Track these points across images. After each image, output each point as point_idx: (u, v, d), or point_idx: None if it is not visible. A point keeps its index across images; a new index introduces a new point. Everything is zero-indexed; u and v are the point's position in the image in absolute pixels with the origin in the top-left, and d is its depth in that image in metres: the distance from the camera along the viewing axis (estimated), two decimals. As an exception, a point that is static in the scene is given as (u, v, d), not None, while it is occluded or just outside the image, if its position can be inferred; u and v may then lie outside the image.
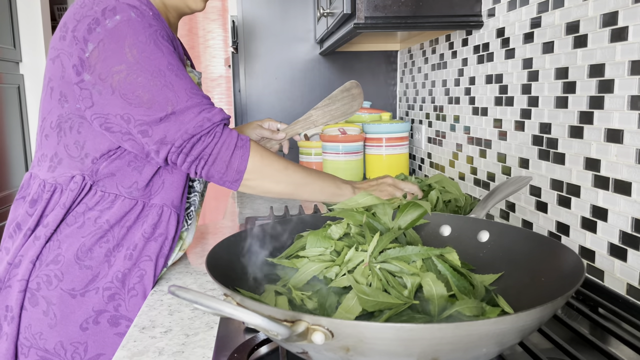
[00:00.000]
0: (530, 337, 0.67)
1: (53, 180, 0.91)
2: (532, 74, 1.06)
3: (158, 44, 0.84)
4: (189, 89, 0.85)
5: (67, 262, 0.88)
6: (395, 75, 2.13)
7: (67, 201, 0.89)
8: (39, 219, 0.90)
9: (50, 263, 0.88)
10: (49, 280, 0.87)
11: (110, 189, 0.90)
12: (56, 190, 0.90)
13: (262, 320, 0.46)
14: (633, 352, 0.64)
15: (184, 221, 1.02)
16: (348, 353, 0.49)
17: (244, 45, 2.06)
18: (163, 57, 0.84)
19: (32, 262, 0.88)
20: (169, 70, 0.84)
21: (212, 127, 0.85)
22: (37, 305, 0.87)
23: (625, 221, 0.81)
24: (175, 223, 0.95)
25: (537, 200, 1.06)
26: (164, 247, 0.94)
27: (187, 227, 1.03)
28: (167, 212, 0.94)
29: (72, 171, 0.90)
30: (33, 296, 0.87)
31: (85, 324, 0.87)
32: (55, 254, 0.88)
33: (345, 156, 1.75)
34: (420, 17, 1.29)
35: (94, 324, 0.88)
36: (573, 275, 0.60)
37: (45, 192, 0.90)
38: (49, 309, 0.87)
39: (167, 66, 0.84)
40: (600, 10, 0.85)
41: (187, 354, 0.69)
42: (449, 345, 0.48)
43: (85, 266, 0.88)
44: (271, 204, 1.61)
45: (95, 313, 0.88)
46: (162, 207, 0.94)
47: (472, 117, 1.37)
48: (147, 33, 0.83)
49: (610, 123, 0.84)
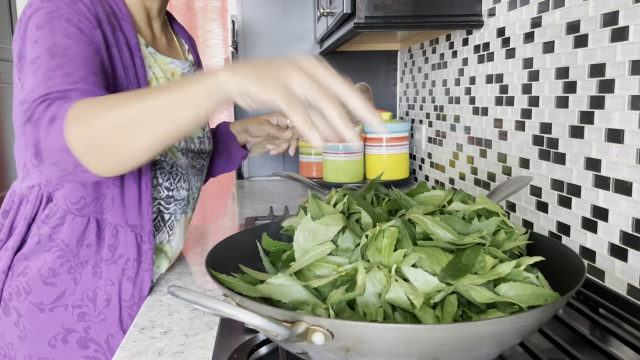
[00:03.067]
0: (531, 338, 0.66)
1: (20, 191, 0.89)
2: (533, 74, 1.06)
3: (53, 25, 0.75)
4: (47, 75, 0.70)
5: (33, 276, 0.85)
6: (395, 75, 2.12)
7: (28, 213, 0.86)
8: (9, 230, 0.88)
9: (20, 275, 0.86)
10: (19, 292, 0.86)
11: (60, 203, 0.85)
12: (22, 201, 0.88)
13: (261, 321, 0.46)
14: (633, 352, 0.64)
15: (165, 232, 0.96)
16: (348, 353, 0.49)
17: (243, 45, 2.06)
18: (51, 38, 0.74)
19: (5, 273, 0.86)
20: (48, 53, 0.72)
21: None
22: (9, 315, 0.86)
23: (625, 221, 0.81)
24: (135, 244, 0.87)
25: (538, 200, 1.06)
26: (128, 270, 0.87)
27: (168, 238, 0.97)
28: (123, 232, 0.87)
29: (33, 181, 0.87)
30: (6, 306, 0.86)
31: (53, 340, 0.85)
32: (24, 266, 0.86)
33: (345, 156, 1.74)
34: (420, 16, 1.29)
35: (62, 343, 0.85)
36: (574, 275, 0.60)
37: (14, 203, 0.89)
38: (19, 320, 0.85)
39: (50, 48, 0.73)
40: (600, 10, 0.85)
41: (186, 355, 0.69)
42: (449, 345, 0.48)
43: (49, 283, 0.85)
44: (271, 204, 1.61)
45: (65, 331, 0.85)
46: (116, 226, 0.86)
47: (473, 117, 1.37)
48: (49, 16, 0.75)
49: (611, 123, 0.83)
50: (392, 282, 0.56)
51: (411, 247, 0.61)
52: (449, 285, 0.57)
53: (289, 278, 0.60)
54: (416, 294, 0.55)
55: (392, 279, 0.57)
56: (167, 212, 0.96)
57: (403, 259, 0.59)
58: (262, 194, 1.79)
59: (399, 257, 0.59)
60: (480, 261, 0.59)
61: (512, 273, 0.59)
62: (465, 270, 0.58)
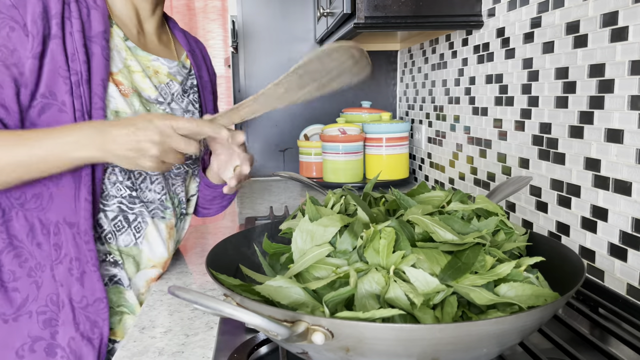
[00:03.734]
0: (531, 337, 0.67)
1: None
2: (532, 74, 1.06)
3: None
4: None
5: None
6: (395, 75, 2.12)
7: None
8: None
9: None
10: None
11: (3, 199, 0.83)
12: None
13: (262, 321, 0.46)
14: (633, 352, 0.64)
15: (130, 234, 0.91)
16: (348, 353, 0.49)
17: (244, 45, 2.06)
18: None
19: None
20: None
21: None
22: None
23: (625, 221, 0.81)
24: (74, 242, 0.83)
25: (537, 200, 1.06)
26: (74, 270, 0.83)
27: (135, 241, 0.92)
28: (63, 230, 0.83)
29: None
30: None
31: (21, 350, 0.82)
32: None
33: (345, 156, 1.74)
34: (420, 17, 1.29)
35: (30, 352, 0.82)
36: (573, 275, 0.60)
37: None
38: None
39: None
40: (600, 10, 0.85)
41: (187, 354, 0.69)
42: (449, 345, 0.48)
43: (11, 288, 0.82)
44: (271, 204, 1.61)
45: (32, 339, 0.82)
46: (57, 224, 0.83)
47: (472, 117, 1.37)
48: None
49: (611, 123, 0.84)
50: (391, 283, 0.56)
51: (409, 248, 0.61)
52: (449, 287, 0.57)
53: (287, 280, 0.60)
54: (416, 293, 0.55)
55: (391, 280, 0.57)
56: (132, 212, 0.91)
57: (401, 260, 0.59)
58: (262, 194, 1.79)
59: (397, 259, 0.59)
60: (480, 260, 0.59)
61: (512, 273, 0.59)
62: (465, 270, 0.58)
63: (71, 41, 0.81)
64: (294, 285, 0.60)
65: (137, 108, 0.89)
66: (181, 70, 1.01)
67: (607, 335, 0.70)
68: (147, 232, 0.93)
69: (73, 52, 0.81)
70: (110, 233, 0.89)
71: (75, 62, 0.81)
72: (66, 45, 0.81)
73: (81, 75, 0.81)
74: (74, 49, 0.81)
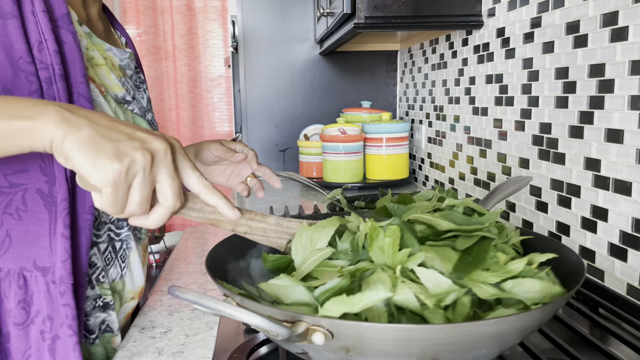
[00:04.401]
0: (531, 337, 0.67)
1: None
2: (532, 74, 1.06)
3: None
4: None
5: None
6: (395, 75, 2.12)
7: None
8: None
9: None
10: None
11: None
12: None
13: (261, 321, 0.46)
14: (633, 352, 0.64)
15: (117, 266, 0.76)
16: (348, 353, 0.49)
17: (244, 45, 2.06)
18: None
19: None
20: None
21: None
22: None
23: (625, 221, 0.81)
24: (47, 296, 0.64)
25: (538, 200, 1.06)
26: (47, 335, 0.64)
27: (121, 273, 0.76)
28: (33, 280, 0.64)
29: None
30: None
31: None
32: None
33: (345, 156, 1.75)
34: (420, 16, 1.29)
35: None
36: (573, 275, 0.60)
37: None
38: None
39: None
40: (600, 10, 0.85)
41: (187, 354, 0.69)
42: (449, 345, 0.48)
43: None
44: (271, 204, 1.61)
45: None
46: (21, 273, 0.64)
47: (472, 117, 1.37)
48: None
49: (611, 123, 0.84)
50: (399, 284, 0.53)
51: (416, 246, 0.59)
52: (463, 287, 0.55)
53: (291, 279, 0.60)
54: (427, 294, 0.52)
55: (398, 281, 0.54)
56: (118, 239, 0.75)
57: (408, 259, 0.57)
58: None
59: (404, 257, 0.57)
60: (492, 256, 0.59)
61: (524, 270, 0.58)
62: (476, 264, 0.57)
63: (34, 23, 0.61)
64: (297, 284, 0.59)
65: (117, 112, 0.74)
66: (130, 63, 0.83)
67: (607, 336, 0.70)
68: (131, 259, 0.78)
69: (39, 40, 0.61)
70: (103, 270, 0.73)
71: (43, 53, 0.61)
72: (27, 29, 0.61)
73: (53, 70, 0.61)
74: (39, 35, 0.61)
